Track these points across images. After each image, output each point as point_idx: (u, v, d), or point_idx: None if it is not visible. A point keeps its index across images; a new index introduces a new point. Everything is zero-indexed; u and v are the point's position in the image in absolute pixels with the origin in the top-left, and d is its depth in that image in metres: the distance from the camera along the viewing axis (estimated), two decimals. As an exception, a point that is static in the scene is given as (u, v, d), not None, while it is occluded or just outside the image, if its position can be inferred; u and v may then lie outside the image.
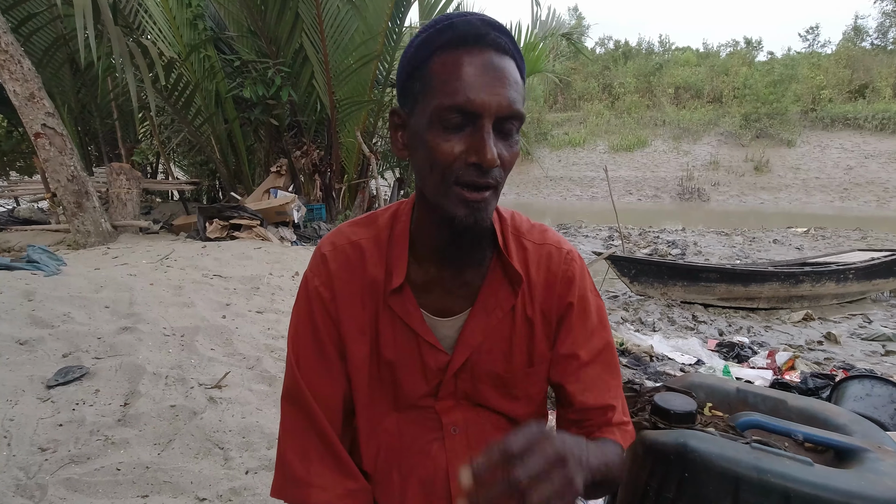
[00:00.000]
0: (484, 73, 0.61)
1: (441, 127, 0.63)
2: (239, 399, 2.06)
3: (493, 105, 0.61)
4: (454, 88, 0.61)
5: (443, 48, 0.63)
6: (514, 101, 0.62)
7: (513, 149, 0.65)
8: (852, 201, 16.02)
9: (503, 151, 0.64)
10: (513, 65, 0.64)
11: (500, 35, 0.64)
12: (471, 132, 0.62)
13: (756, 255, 8.13)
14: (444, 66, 0.63)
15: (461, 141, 0.62)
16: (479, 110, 0.61)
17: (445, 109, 0.62)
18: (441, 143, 0.63)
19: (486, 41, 0.62)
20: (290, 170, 6.68)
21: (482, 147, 0.61)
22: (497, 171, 0.64)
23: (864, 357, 3.89)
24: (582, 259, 0.82)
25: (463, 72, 0.61)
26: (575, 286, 0.78)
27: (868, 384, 2.19)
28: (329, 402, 0.76)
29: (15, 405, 1.81)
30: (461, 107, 0.61)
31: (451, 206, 0.64)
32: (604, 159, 19.84)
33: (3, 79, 4.35)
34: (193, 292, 3.13)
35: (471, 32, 0.63)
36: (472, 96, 0.60)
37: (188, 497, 1.55)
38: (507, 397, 0.79)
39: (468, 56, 0.62)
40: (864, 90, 20.15)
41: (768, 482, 0.78)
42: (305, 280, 0.78)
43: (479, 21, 0.64)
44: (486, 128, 0.61)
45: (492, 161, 0.61)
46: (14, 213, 7.34)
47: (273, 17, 5.99)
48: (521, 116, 0.64)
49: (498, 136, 0.63)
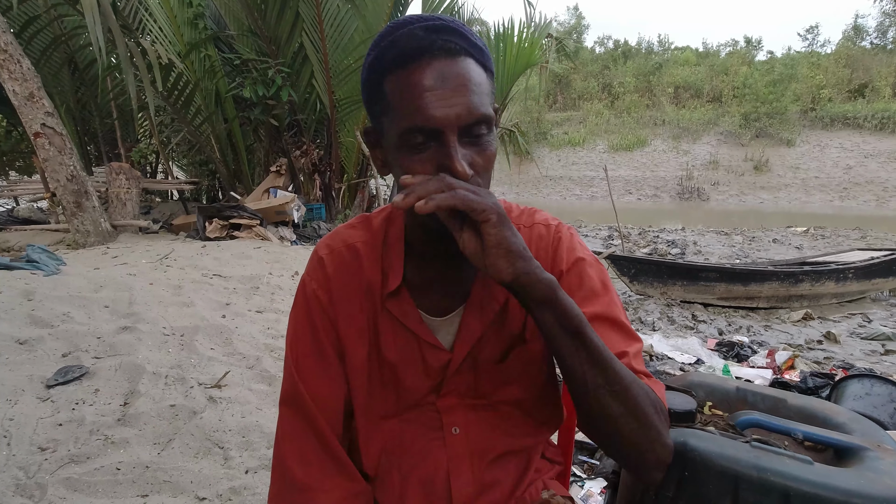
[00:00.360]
0: (437, 86, 0.59)
1: (407, 149, 0.62)
2: (239, 398, 2.06)
3: (453, 117, 0.59)
4: (411, 109, 0.59)
5: (391, 68, 0.61)
6: (476, 105, 0.60)
7: (486, 151, 0.63)
8: (852, 201, 16.04)
9: (475, 158, 0.62)
10: (469, 63, 0.61)
11: (448, 38, 0.60)
12: (437, 149, 0.61)
13: (756, 255, 8.14)
14: (396, 87, 0.61)
15: (430, 160, 0.61)
16: (439, 126, 0.59)
17: (406, 132, 0.61)
18: (412, 165, 0.61)
19: (432, 50, 0.60)
20: (289, 169, 6.68)
21: (450, 163, 0.59)
22: (472, 180, 0.61)
23: (863, 356, 3.89)
24: (572, 229, 0.80)
25: (415, 90, 0.59)
26: (562, 250, 0.76)
27: (868, 383, 2.19)
28: (329, 405, 0.76)
29: (15, 405, 1.81)
30: (420, 127, 0.59)
31: (434, 220, 0.63)
32: (603, 159, 19.85)
33: (3, 78, 4.35)
34: (193, 292, 3.13)
35: (414, 46, 0.60)
36: (429, 114, 0.59)
37: (188, 496, 1.55)
38: (505, 381, 0.79)
39: (417, 71, 0.59)
40: (864, 90, 20.17)
41: (768, 481, 0.78)
42: (303, 283, 0.78)
43: (422, 30, 0.60)
44: (450, 142, 0.59)
45: (462, 175, 0.59)
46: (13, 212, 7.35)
47: (273, 16, 6.00)
48: (487, 119, 0.62)
49: (467, 143, 0.61)
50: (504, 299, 0.76)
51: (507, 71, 5.97)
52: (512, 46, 5.79)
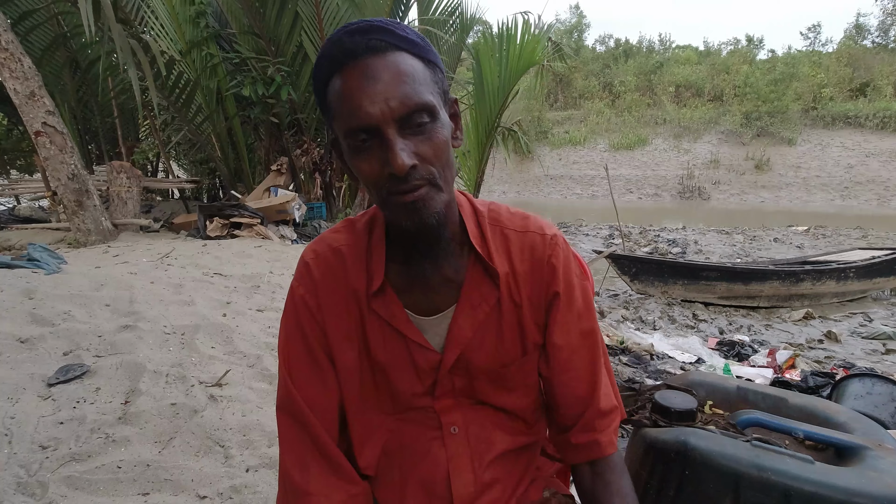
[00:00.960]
0: (365, 84, 0.60)
1: (355, 150, 0.63)
2: (239, 397, 2.06)
3: (386, 111, 0.60)
4: (347, 112, 0.61)
5: (328, 78, 0.64)
6: (407, 95, 0.61)
7: (433, 139, 0.63)
8: (853, 200, 16.02)
9: (421, 146, 0.62)
10: (399, 57, 0.62)
11: (372, 37, 0.62)
12: (379, 145, 0.62)
13: (757, 254, 8.13)
14: (334, 94, 0.63)
15: (375, 157, 0.62)
16: (374, 123, 0.60)
17: (348, 135, 0.63)
18: (360, 166, 0.64)
19: (358, 52, 0.61)
20: (290, 168, 6.67)
21: (390, 156, 0.60)
22: (422, 168, 0.62)
23: (864, 356, 3.89)
24: (566, 242, 0.81)
25: (348, 92, 0.61)
26: (559, 273, 0.77)
27: (868, 382, 2.19)
28: (324, 409, 0.76)
29: (16, 403, 1.81)
30: (357, 128, 0.61)
31: (395, 216, 0.65)
32: (604, 158, 19.83)
33: (4, 77, 4.35)
34: (194, 290, 3.13)
35: (341, 52, 0.62)
36: (362, 112, 0.60)
37: (189, 495, 1.55)
38: (504, 390, 0.79)
39: (348, 75, 0.62)
40: (866, 88, 20.12)
41: (769, 480, 0.78)
42: (292, 290, 0.79)
43: (347, 35, 0.62)
44: (388, 136, 0.61)
45: (401, 167, 0.60)
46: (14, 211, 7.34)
47: (273, 16, 6.00)
48: (426, 106, 0.62)
49: (409, 134, 0.62)
50: (495, 298, 0.75)
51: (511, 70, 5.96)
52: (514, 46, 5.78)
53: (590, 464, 0.78)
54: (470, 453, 0.78)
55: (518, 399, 0.80)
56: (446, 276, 0.75)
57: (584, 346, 0.78)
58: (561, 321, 0.77)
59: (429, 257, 0.74)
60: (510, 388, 0.79)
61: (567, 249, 0.80)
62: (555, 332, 0.77)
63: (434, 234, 0.68)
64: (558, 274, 0.77)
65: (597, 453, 0.77)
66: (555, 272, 0.77)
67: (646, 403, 1.04)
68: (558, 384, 0.79)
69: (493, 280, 0.75)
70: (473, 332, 0.75)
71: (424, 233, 0.66)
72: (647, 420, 0.98)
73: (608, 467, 0.77)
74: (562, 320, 0.77)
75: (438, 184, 0.65)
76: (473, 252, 0.75)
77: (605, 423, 0.77)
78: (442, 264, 0.75)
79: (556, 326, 0.77)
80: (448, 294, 0.76)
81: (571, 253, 0.81)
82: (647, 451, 0.93)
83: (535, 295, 0.77)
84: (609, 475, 0.76)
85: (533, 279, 0.77)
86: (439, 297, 0.76)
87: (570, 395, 0.78)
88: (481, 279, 0.75)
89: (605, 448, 0.77)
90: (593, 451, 0.77)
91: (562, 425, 0.80)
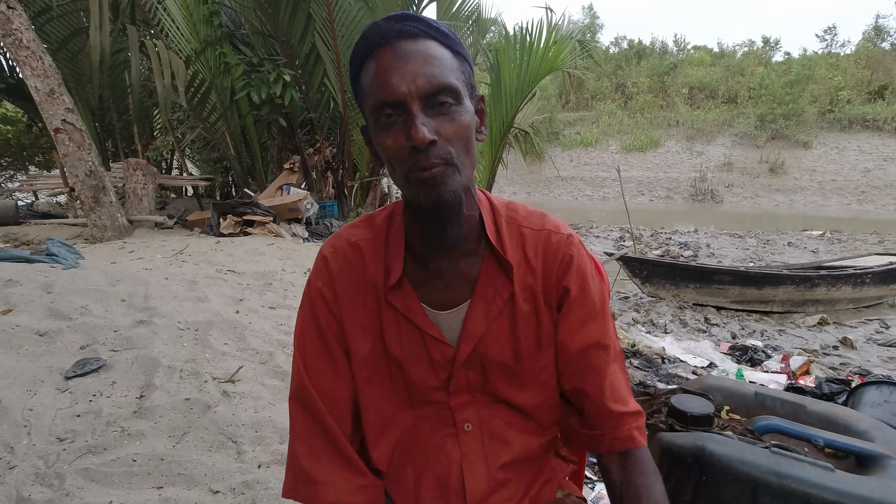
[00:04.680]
0: (395, 63, 0.64)
1: (381, 126, 0.66)
2: (252, 393, 2.08)
3: (413, 88, 0.63)
4: (377, 88, 0.64)
5: (363, 59, 0.67)
6: (435, 75, 0.64)
7: (455, 120, 0.65)
8: (870, 204, 15.74)
9: (443, 125, 0.64)
10: (429, 43, 0.66)
11: (406, 24, 0.65)
12: (403, 121, 0.64)
13: (770, 258, 8.03)
14: (367, 74, 0.67)
15: (399, 132, 0.64)
16: (400, 98, 0.63)
17: (376, 110, 0.65)
18: (384, 140, 0.66)
19: (392, 35, 0.65)
20: (302, 167, 6.72)
21: (412, 130, 0.62)
22: (442, 147, 0.64)
23: (880, 363, 3.83)
24: (582, 243, 0.81)
25: (379, 70, 0.65)
26: (573, 269, 0.77)
27: (886, 390, 2.15)
28: (336, 402, 0.77)
29: (34, 395, 1.85)
30: (385, 102, 0.64)
31: (413, 192, 0.67)
32: (616, 159, 19.69)
33: (25, 74, 4.43)
34: (207, 287, 3.16)
35: (379, 34, 0.65)
36: (391, 87, 0.63)
37: (202, 489, 1.57)
38: (517, 385, 0.79)
39: (381, 56, 0.65)
40: (884, 91, 19.77)
41: (788, 487, 0.77)
42: (309, 283, 0.80)
43: (384, 21, 0.66)
44: (412, 111, 0.63)
45: (422, 139, 0.62)
46: (33, 206, 7.48)
47: (285, 18, 6.04)
48: (450, 87, 0.65)
49: (433, 113, 0.64)
50: (509, 293, 0.76)
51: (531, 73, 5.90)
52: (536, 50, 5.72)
53: (618, 460, 0.77)
54: (484, 451, 0.78)
55: (532, 396, 0.80)
56: (462, 271, 0.76)
57: (595, 345, 0.77)
58: (572, 318, 0.77)
59: (446, 249, 0.74)
60: (524, 384, 0.79)
61: (582, 249, 0.80)
62: (565, 328, 0.77)
63: (450, 213, 0.68)
64: (572, 271, 0.77)
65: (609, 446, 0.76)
66: (569, 269, 0.77)
67: (661, 407, 1.03)
68: (567, 381, 0.79)
69: (507, 274, 0.76)
70: (488, 325, 0.76)
71: (441, 210, 0.67)
72: (663, 424, 0.97)
73: (635, 466, 0.75)
74: (573, 317, 0.77)
75: (456, 164, 0.66)
76: (489, 247, 0.76)
77: (616, 422, 0.76)
78: (458, 258, 0.75)
79: (567, 322, 0.77)
80: (463, 288, 0.77)
81: (587, 253, 0.81)
82: (664, 455, 0.93)
83: (549, 290, 0.77)
84: (637, 476, 0.74)
85: (547, 275, 0.77)
86: (455, 292, 0.77)
87: (581, 394, 0.78)
88: (496, 273, 0.76)
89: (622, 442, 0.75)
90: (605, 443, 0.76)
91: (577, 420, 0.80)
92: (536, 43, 5.75)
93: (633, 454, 0.76)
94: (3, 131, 9.00)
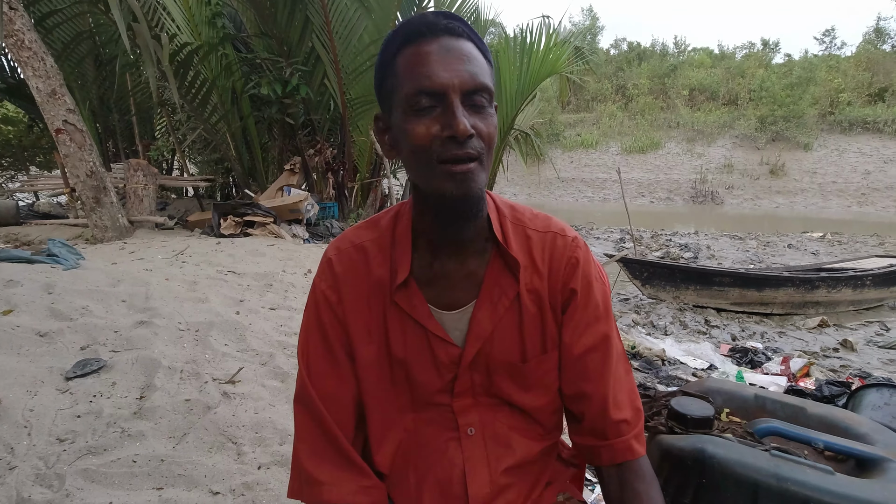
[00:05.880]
0: (442, 55, 0.65)
1: (414, 113, 0.65)
2: (252, 395, 2.08)
3: (457, 81, 0.64)
4: (417, 74, 0.65)
5: (403, 45, 0.67)
6: (477, 74, 0.65)
7: (487, 120, 0.67)
8: (870, 206, 15.74)
9: (478, 123, 0.66)
10: (471, 46, 0.68)
11: (452, 21, 0.67)
12: (441, 111, 0.65)
13: (770, 260, 8.02)
14: (406, 59, 0.67)
15: (434, 121, 0.65)
16: (443, 89, 0.64)
17: (414, 95, 0.65)
18: (416, 127, 0.65)
19: (439, 29, 0.66)
20: (303, 168, 6.72)
21: (453, 120, 0.63)
22: (476, 141, 0.65)
23: (881, 365, 3.82)
24: (587, 246, 0.81)
25: (423, 58, 0.65)
26: (579, 271, 0.78)
27: (886, 393, 2.15)
28: (339, 404, 0.77)
29: (35, 396, 1.85)
30: (426, 89, 0.64)
31: (439, 183, 0.66)
32: (616, 161, 19.70)
33: (27, 75, 4.43)
34: (208, 288, 3.17)
35: (425, 24, 0.66)
36: (435, 77, 0.64)
37: (202, 490, 1.57)
38: (521, 387, 0.79)
39: (426, 45, 0.66)
40: (884, 93, 19.77)
41: (788, 490, 0.77)
42: (314, 286, 0.80)
43: (432, 14, 0.67)
44: (454, 103, 0.64)
45: (464, 131, 0.63)
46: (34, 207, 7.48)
47: (284, 19, 6.05)
48: (488, 88, 0.66)
49: (470, 110, 0.65)
50: (515, 293, 0.76)
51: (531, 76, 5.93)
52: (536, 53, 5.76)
53: (616, 469, 0.77)
54: (486, 455, 0.78)
55: (535, 399, 0.80)
56: (469, 271, 0.76)
57: (597, 348, 0.78)
58: (577, 319, 0.77)
59: (456, 248, 0.75)
60: (528, 386, 0.79)
61: (587, 251, 0.80)
62: (570, 330, 0.77)
63: (474, 208, 0.70)
64: (577, 273, 0.77)
65: (608, 459, 0.76)
66: (574, 271, 0.77)
67: (661, 410, 1.03)
68: (568, 385, 0.79)
69: (513, 274, 0.76)
70: (494, 325, 0.76)
71: (466, 205, 0.68)
72: (663, 427, 0.97)
73: (633, 474, 0.75)
74: (577, 319, 0.77)
75: (485, 165, 0.67)
76: (496, 247, 0.76)
77: (615, 430, 0.76)
78: (466, 258, 0.76)
79: (571, 324, 0.77)
80: (469, 289, 0.77)
81: (591, 256, 0.81)
82: (663, 458, 0.93)
83: (554, 292, 0.77)
84: (636, 483, 0.75)
85: (552, 276, 0.77)
86: (461, 292, 0.77)
87: (582, 397, 0.78)
88: (502, 273, 0.76)
89: (620, 454, 0.76)
90: (604, 456, 0.77)
91: (576, 428, 0.80)
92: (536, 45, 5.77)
93: (631, 463, 0.76)
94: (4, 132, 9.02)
